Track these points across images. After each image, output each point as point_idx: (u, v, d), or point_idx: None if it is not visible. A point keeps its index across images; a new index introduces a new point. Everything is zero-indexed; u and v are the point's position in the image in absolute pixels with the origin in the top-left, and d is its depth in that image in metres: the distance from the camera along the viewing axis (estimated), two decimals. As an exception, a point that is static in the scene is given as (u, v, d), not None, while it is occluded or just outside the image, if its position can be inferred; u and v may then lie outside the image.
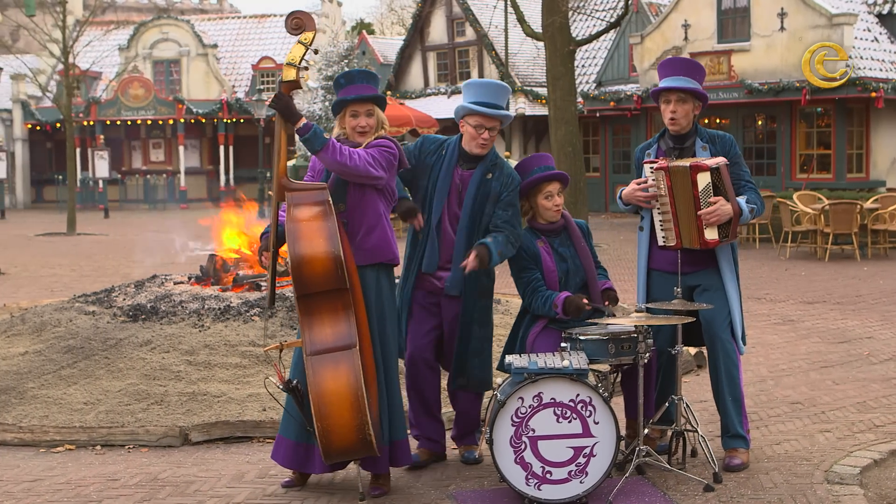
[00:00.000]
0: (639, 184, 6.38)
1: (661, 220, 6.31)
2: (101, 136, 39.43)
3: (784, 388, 8.32)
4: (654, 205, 6.31)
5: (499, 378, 5.91)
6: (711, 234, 6.19)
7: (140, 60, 42.08)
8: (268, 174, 35.73)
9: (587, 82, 31.86)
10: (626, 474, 5.74)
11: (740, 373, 6.30)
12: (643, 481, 5.92)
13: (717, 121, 27.19)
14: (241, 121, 40.88)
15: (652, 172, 6.30)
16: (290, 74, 5.65)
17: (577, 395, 5.57)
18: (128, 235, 25.76)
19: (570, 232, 6.46)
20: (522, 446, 5.57)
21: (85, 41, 33.37)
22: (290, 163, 34.26)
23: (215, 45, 42.61)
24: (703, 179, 6.13)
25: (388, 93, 33.61)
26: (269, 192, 30.23)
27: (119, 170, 41.04)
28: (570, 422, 5.58)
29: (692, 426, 6.15)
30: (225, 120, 40.85)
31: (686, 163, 6.14)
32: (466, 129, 6.29)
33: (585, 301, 6.11)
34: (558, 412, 5.58)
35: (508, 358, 5.80)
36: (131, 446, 7.13)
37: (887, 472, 6.18)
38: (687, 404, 6.19)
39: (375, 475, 5.92)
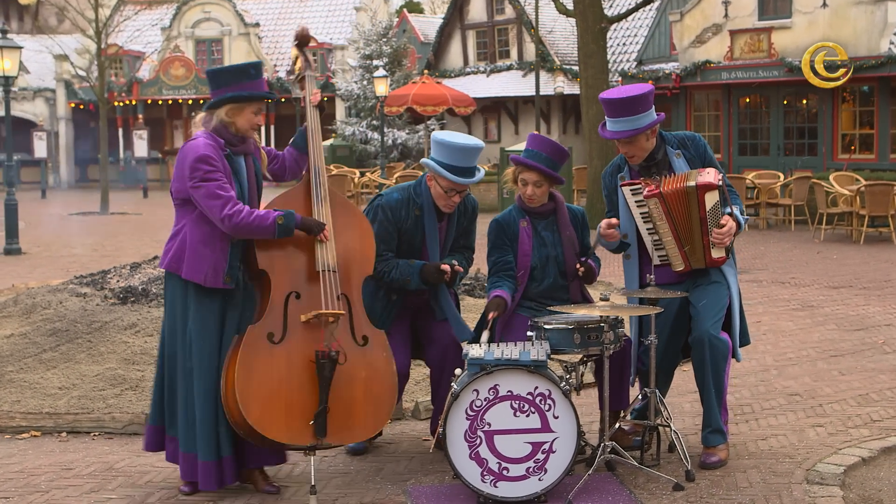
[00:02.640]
0: (610, 226, 5.96)
1: (654, 240, 5.95)
2: (142, 116, 39.53)
3: (786, 379, 7.95)
4: (642, 229, 5.94)
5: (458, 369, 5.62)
6: (719, 253, 5.89)
7: (182, 40, 42.06)
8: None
9: (628, 61, 31.31)
10: (590, 471, 5.43)
11: (728, 365, 5.92)
12: (611, 479, 5.61)
13: (759, 99, 26.59)
14: (283, 100, 40.74)
15: (633, 193, 5.93)
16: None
17: (536, 387, 5.27)
18: (159, 215, 25.71)
19: (557, 217, 6.14)
20: (478, 441, 5.28)
21: (125, 22, 33.42)
22: (328, 142, 34.13)
23: (257, 25, 42.49)
24: (712, 199, 5.79)
25: (427, 72, 33.29)
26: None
27: (161, 149, 41.15)
28: (527, 416, 5.28)
29: (665, 421, 5.82)
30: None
31: (691, 182, 5.77)
32: (435, 188, 5.98)
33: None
34: (515, 405, 5.28)
35: (465, 348, 5.50)
36: (96, 434, 6.94)
37: (875, 471, 5.82)
38: (661, 398, 5.87)
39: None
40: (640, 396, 5.96)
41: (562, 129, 32.84)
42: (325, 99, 41.27)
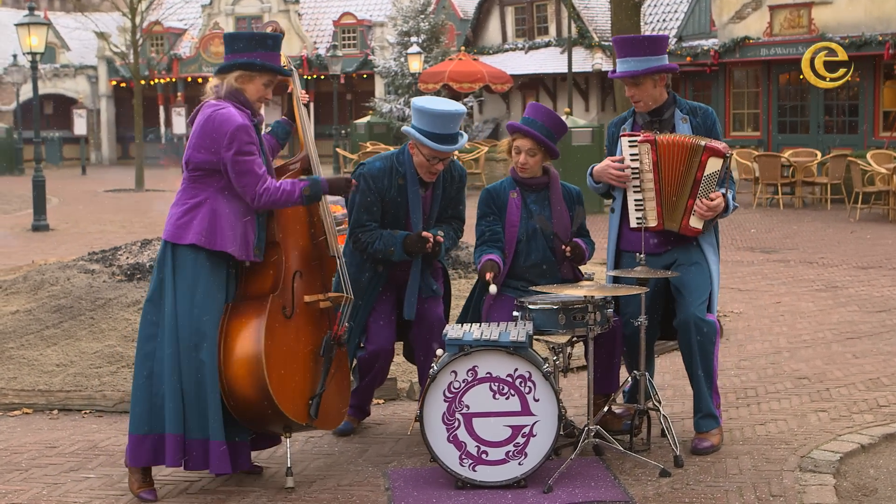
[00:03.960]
0: (614, 160, 5.83)
1: (637, 199, 5.75)
2: (182, 94, 39.67)
3: (797, 362, 7.73)
4: (628, 184, 5.76)
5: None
6: (697, 223, 5.66)
7: (222, 17, 42.09)
8: (343, 132, 35.55)
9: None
10: (572, 456, 5.27)
11: (716, 348, 5.72)
12: (597, 464, 5.45)
13: (799, 76, 26.12)
14: (322, 77, 40.71)
15: (630, 146, 5.73)
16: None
17: (516, 369, 5.11)
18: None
19: (550, 192, 5.96)
20: (456, 424, 5.14)
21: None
22: (365, 119, 33.99)
23: (297, 1, 42.41)
24: (714, 165, 5.58)
25: (463, 48, 33.07)
26: (339, 150, 30.09)
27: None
28: (507, 398, 5.13)
29: (654, 405, 5.64)
30: (305, 76, 40.71)
31: (700, 141, 5.59)
32: (417, 156, 5.80)
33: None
34: (495, 388, 5.13)
35: (446, 328, 5.36)
36: (87, 412, 6.88)
37: (874, 458, 5.60)
38: (650, 381, 5.68)
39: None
40: (628, 379, 5.78)
41: (600, 106, 32.49)
42: (361, 76, 41.23)
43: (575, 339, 5.60)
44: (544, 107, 5.99)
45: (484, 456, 5.14)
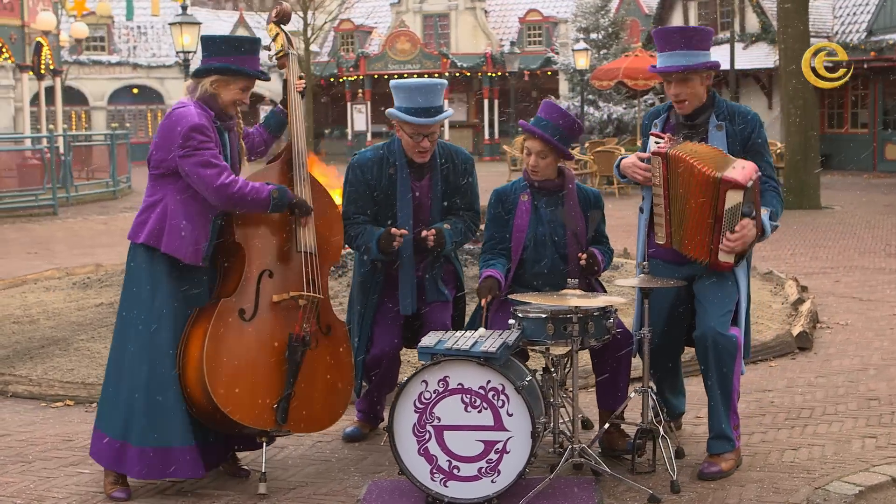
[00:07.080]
0: (641, 159, 5.44)
1: (654, 206, 5.36)
2: (368, 91, 40.35)
3: (878, 381, 7.09)
4: (653, 186, 5.36)
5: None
6: (727, 258, 5.20)
7: (409, 15, 42.58)
8: (518, 129, 35.43)
9: (857, 31, 29.43)
10: (550, 476, 4.94)
11: (736, 365, 5.24)
12: (587, 485, 5.08)
13: None
14: (506, 74, 40.65)
15: (655, 145, 5.33)
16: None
17: (488, 381, 4.82)
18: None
19: (564, 196, 5.62)
20: (427, 436, 4.88)
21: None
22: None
23: (483, -1, 42.58)
24: (734, 198, 5.06)
25: (639, 44, 32.34)
26: (506, 147, 29.88)
27: (389, 124, 41.96)
28: (479, 411, 4.84)
29: (655, 424, 5.23)
30: (489, 74, 40.79)
31: (715, 173, 5.02)
32: (403, 137, 5.57)
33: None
34: (467, 400, 4.84)
35: (424, 336, 5.11)
36: (121, 406, 6.92)
37: (903, 494, 5.05)
38: (655, 397, 5.27)
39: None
40: (630, 396, 5.39)
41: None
42: (546, 73, 40.90)
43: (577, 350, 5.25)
44: (559, 106, 5.63)
45: (455, 471, 4.87)
